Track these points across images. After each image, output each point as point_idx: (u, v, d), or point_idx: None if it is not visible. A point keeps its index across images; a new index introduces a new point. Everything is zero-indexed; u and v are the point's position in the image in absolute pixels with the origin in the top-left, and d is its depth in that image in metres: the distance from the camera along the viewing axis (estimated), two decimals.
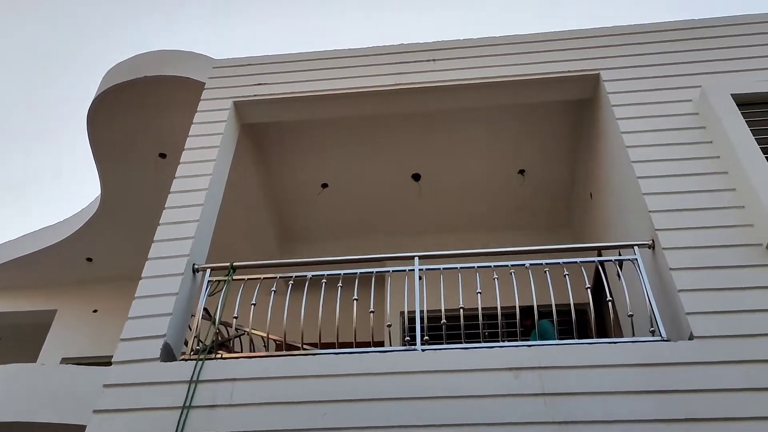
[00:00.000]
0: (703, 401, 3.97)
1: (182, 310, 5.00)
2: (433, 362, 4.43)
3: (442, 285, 4.95)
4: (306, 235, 8.60)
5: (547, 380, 4.19)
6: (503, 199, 8.07)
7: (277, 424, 4.20)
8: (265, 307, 5.03)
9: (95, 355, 7.54)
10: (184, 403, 4.31)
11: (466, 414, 4.12)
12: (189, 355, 4.77)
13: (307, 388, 4.37)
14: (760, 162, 4.90)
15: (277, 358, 4.68)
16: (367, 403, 4.26)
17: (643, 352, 4.26)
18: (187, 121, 6.30)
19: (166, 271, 5.10)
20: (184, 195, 5.63)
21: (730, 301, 4.36)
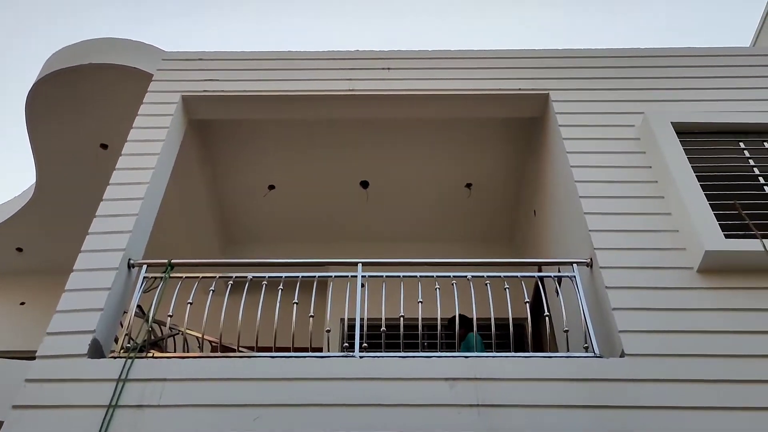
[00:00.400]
0: (633, 417, 4.06)
1: (114, 305, 4.83)
2: (371, 369, 4.40)
3: (384, 293, 4.94)
4: (249, 237, 8.47)
5: (482, 391, 4.22)
6: (449, 211, 8.14)
7: (208, 428, 4.09)
8: (202, 307, 4.91)
9: (21, 349, 7.18)
10: (110, 402, 4.15)
11: (402, 422, 4.10)
12: (119, 352, 4.60)
13: (241, 392, 4.28)
14: (695, 189, 5.09)
15: (211, 359, 4.57)
16: (302, 408, 4.20)
17: (577, 367, 4.34)
18: (132, 112, 6.13)
19: (99, 265, 4.92)
20: (124, 188, 5.46)
21: (662, 322, 4.50)
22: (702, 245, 4.69)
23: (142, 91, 6.33)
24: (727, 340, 4.38)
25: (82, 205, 6.86)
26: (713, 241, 4.71)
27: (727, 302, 4.57)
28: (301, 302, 4.91)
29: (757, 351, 4.32)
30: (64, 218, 7.82)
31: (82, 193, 7.32)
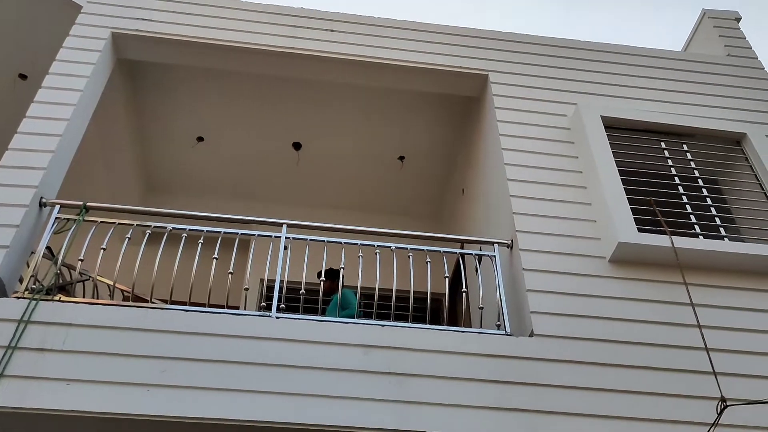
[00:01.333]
0: (538, 394, 4.23)
1: (21, 244, 4.59)
2: (287, 331, 4.38)
3: (306, 256, 4.91)
4: (172, 188, 8.19)
5: (395, 360, 4.28)
6: (380, 182, 8.15)
7: (111, 376, 3.98)
8: (116, 254, 4.74)
9: None
10: (9, 343, 3.97)
11: (316, 385, 4.12)
12: (22, 293, 4.39)
13: (151, 343, 4.17)
14: (615, 182, 5.29)
15: (121, 307, 4.43)
16: (213, 364, 4.15)
17: (488, 343, 4.47)
18: (57, 43, 5.78)
19: (8, 201, 4.66)
20: (42, 122, 5.16)
21: (572, 306, 4.68)
22: (616, 236, 4.90)
23: (70, 22, 5.97)
24: (632, 327, 4.61)
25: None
26: (626, 233, 4.92)
27: (635, 292, 4.81)
28: (221, 259, 4.81)
29: (658, 340, 4.57)
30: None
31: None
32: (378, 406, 4.09)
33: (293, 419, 3.97)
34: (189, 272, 4.68)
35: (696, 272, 4.86)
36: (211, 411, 3.94)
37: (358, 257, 4.92)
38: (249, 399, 4.01)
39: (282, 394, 4.06)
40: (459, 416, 4.12)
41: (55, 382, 3.91)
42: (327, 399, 4.08)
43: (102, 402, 3.88)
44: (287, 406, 4.02)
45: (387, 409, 4.08)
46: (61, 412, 3.83)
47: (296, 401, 4.04)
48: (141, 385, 3.97)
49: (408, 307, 4.82)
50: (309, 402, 4.05)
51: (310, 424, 3.98)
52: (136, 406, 3.90)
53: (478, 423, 4.10)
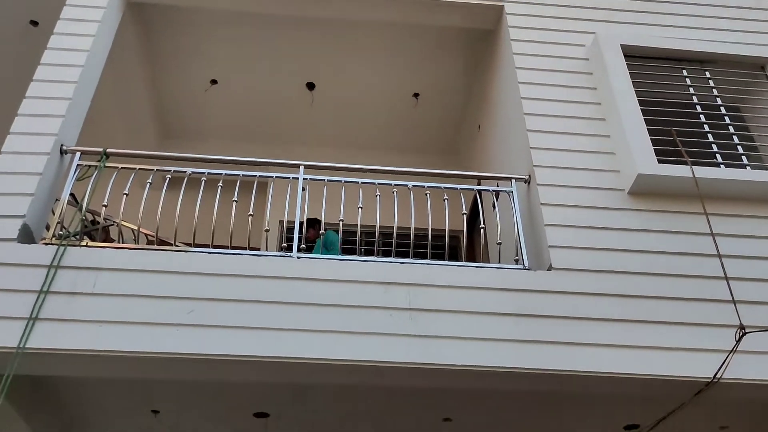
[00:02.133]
0: (557, 327, 4.31)
1: (45, 192, 4.68)
2: (308, 270, 4.47)
3: (324, 197, 4.94)
4: (189, 133, 8.21)
5: (415, 296, 4.36)
6: (395, 120, 8.10)
7: (141, 317, 4.11)
8: (138, 199, 4.82)
9: None
10: (41, 288, 4.10)
11: (337, 322, 4.23)
12: (50, 240, 4.51)
13: (176, 284, 4.28)
14: (635, 113, 5.21)
15: (147, 251, 4.53)
16: (237, 303, 4.26)
17: (506, 278, 4.53)
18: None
19: (30, 149, 4.71)
20: (57, 69, 5.15)
21: (590, 239, 4.70)
22: (635, 168, 4.86)
23: None
24: (651, 258, 4.64)
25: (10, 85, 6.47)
26: (646, 165, 4.88)
27: (654, 224, 4.81)
28: (241, 201, 4.88)
29: (677, 270, 4.60)
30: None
31: (9, 73, 6.87)
32: (399, 341, 4.20)
33: (317, 355, 4.10)
34: (210, 215, 4.75)
35: (716, 202, 4.85)
36: (237, 348, 4.07)
37: (375, 196, 4.95)
38: (273, 336, 4.13)
39: (305, 331, 4.17)
40: (479, 349, 4.21)
41: (88, 324, 4.05)
42: (349, 335, 4.19)
43: (133, 342, 4.03)
44: (310, 342, 4.14)
45: (408, 344, 4.19)
46: (95, 352, 3.98)
47: (319, 338, 4.16)
48: (170, 325, 4.11)
49: (426, 244, 4.87)
50: (332, 338, 4.17)
51: (333, 359, 4.11)
52: (166, 345, 4.04)
53: (497, 355, 4.19)
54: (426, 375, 4.21)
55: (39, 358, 3.96)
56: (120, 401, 5.26)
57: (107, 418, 5.51)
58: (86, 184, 4.81)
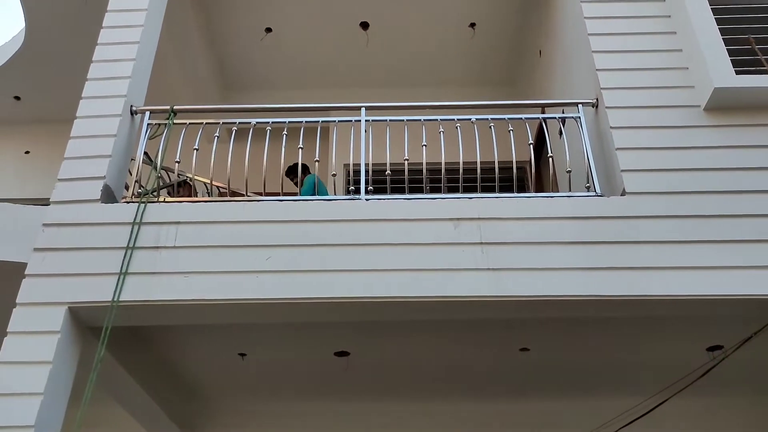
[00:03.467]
0: (633, 252, 4.23)
1: (121, 152, 4.86)
2: (376, 211, 4.51)
3: (388, 136, 4.94)
4: (249, 85, 8.29)
5: (485, 230, 4.36)
6: (452, 53, 7.91)
7: (222, 266, 4.27)
8: (208, 153, 4.95)
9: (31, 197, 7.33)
10: (127, 244, 4.31)
11: (408, 260, 4.28)
12: (130, 198, 4.71)
13: (252, 233, 4.41)
14: (708, 22, 4.90)
15: (222, 203, 4.68)
16: (310, 248, 4.36)
17: (578, 206, 4.45)
18: None
19: (102, 112, 4.88)
20: (119, 31, 5.27)
21: (665, 160, 4.54)
22: (711, 82, 4.62)
23: None
24: (730, 176, 4.46)
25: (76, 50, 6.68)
26: (723, 77, 4.63)
27: (733, 140, 4.59)
28: (306, 148, 4.93)
29: (759, 186, 4.41)
30: (58, 65, 7.61)
31: (74, 38, 7.07)
32: (472, 276, 4.23)
33: (389, 294, 4.18)
34: (277, 164, 4.83)
35: None
36: (313, 291, 4.19)
37: (438, 133, 4.91)
38: (346, 278, 4.23)
39: (377, 271, 4.25)
40: (553, 279, 4.19)
41: (173, 276, 4.26)
42: (421, 272, 4.24)
43: (216, 291, 4.21)
44: (383, 282, 4.21)
45: (481, 278, 4.22)
46: (181, 302, 4.19)
47: (391, 277, 4.23)
48: (249, 273, 4.26)
49: (493, 178, 4.82)
50: (404, 277, 4.23)
51: (406, 296, 4.18)
52: (247, 292, 4.21)
53: (573, 284, 4.17)
54: (500, 308, 4.25)
55: (131, 310, 4.20)
56: (209, 346, 5.56)
57: (198, 362, 5.85)
58: (158, 142, 4.96)
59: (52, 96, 8.08)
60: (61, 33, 7.31)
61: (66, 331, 4.11)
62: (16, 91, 8.12)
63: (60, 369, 4.03)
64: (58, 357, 4.02)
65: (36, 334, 4.05)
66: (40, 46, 7.49)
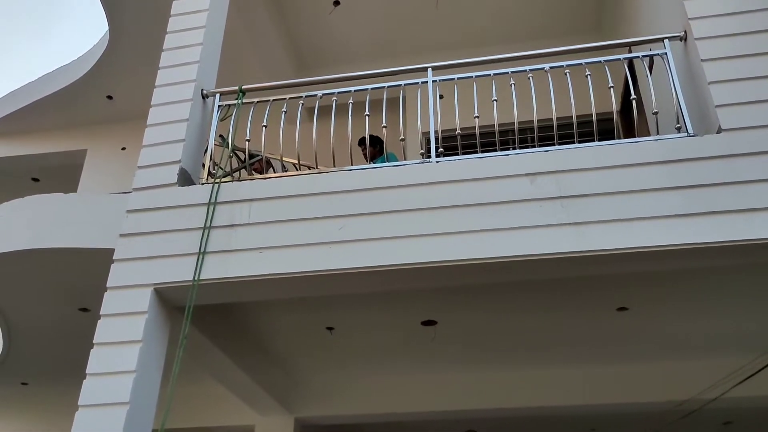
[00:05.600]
0: (733, 193, 3.83)
1: (195, 135, 4.95)
2: (449, 173, 4.33)
3: (456, 95, 4.73)
4: (320, 60, 8.27)
5: (565, 183, 4.09)
6: (523, 7, 7.52)
7: (296, 239, 4.26)
8: (278, 130, 4.94)
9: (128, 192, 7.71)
10: (204, 224, 4.39)
11: (484, 221, 4.09)
12: (206, 179, 4.80)
13: (324, 205, 4.36)
14: None
15: (293, 177, 4.65)
16: (383, 215, 4.26)
17: (668, 148, 4.07)
18: None
19: (174, 98, 4.99)
20: (185, 18, 5.36)
21: (764, 91, 4.07)
22: None
23: None
24: None
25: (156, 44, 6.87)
26: None
27: None
28: (374, 115, 4.82)
29: None
30: (142, 62, 7.88)
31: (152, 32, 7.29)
32: (553, 232, 3.98)
33: (468, 255, 4.01)
34: (346, 137, 4.75)
35: None
36: (388, 258, 4.09)
37: (510, 86, 4.65)
38: (422, 243, 4.10)
39: (453, 234, 4.09)
40: (645, 229, 3.86)
41: (249, 252, 4.29)
42: (499, 232, 4.04)
43: (291, 264, 4.20)
44: (460, 244, 4.05)
45: (563, 234, 3.96)
46: (258, 277, 4.21)
47: (468, 239, 4.05)
48: (323, 244, 4.22)
49: (571, 133, 4.51)
50: (481, 237, 4.04)
51: (485, 258, 3.99)
52: (322, 264, 4.17)
53: (664, 233, 3.83)
54: (586, 263, 3.98)
55: (212, 287, 4.27)
56: (296, 320, 5.63)
57: (284, 337, 5.94)
58: (229, 123, 5.01)
59: (140, 93, 8.39)
60: (144, 31, 7.56)
61: (153, 311, 4.25)
62: (108, 91, 8.52)
63: (150, 347, 4.18)
64: (148, 336, 4.16)
65: (126, 315, 4.22)
66: (125, 46, 7.79)
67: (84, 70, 8.20)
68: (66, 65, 8.70)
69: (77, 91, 8.48)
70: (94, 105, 8.71)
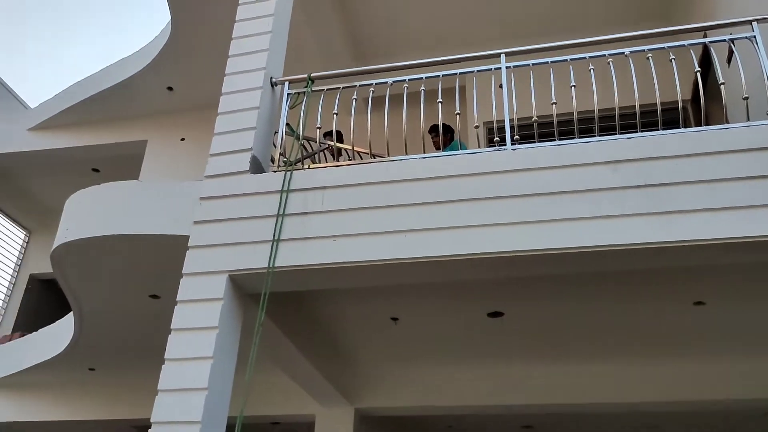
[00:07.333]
0: None
1: (265, 123, 4.95)
2: (524, 161, 4.23)
3: (532, 82, 4.62)
4: (382, 49, 8.19)
5: (650, 171, 3.95)
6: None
7: (369, 227, 4.22)
8: (347, 119, 4.91)
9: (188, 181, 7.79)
10: (278, 212, 4.38)
11: (562, 210, 3.98)
12: (277, 167, 4.79)
13: (398, 193, 4.31)
14: None
15: (364, 165, 4.61)
16: (456, 204, 4.18)
17: (760, 135, 3.90)
18: None
19: (244, 86, 5.00)
20: (253, 6, 5.36)
21: None
22: None
23: None
24: None
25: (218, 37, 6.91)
26: None
27: None
28: (445, 103, 4.74)
29: None
30: (204, 54, 7.95)
31: (215, 24, 7.35)
32: (636, 222, 3.85)
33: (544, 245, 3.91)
34: (418, 126, 4.68)
35: None
36: (463, 247, 4.02)
37: (588, 71, 4.52)
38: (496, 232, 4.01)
39: (528, 223, 3.99)
40: (732, 219, 3.71)
41: (322, 240, 4.26)
42: (577, 221, 3.92)
43: (364, 252, 4.16)
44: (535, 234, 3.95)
45: (647, 223, 3.83)
46: (333, 264, 4.18)
47: (545, 228, 3.95)
48: (398, 232, 4.17)
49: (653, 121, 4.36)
50: (558, 227, 3.93)
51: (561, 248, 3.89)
52: (397, 252, 4.12)
53: (756, 223, 3.67)
54: (671, 255, 3.85)
55: (286, 275, 4.27)
56: (361, 310, 5.60)
57: (352, 327, 5.92)
58: (298, 111, 5.00)
59: (200, 84, 8.49)
60: (205, 23, 7.61)
61: (228, 297, 4.27)
62: (168, 83, 8.62)
63: (226, 334, 4.20)
64: (223, 322, 4.18)
65: (201, 301, 4.24)
66: (186, 38, 7.85)
67: (145, 62, 8.31)
68: (127, 57, 8.83)
69: (138, 82, 8.61)
70: (154, 96, 8.83)
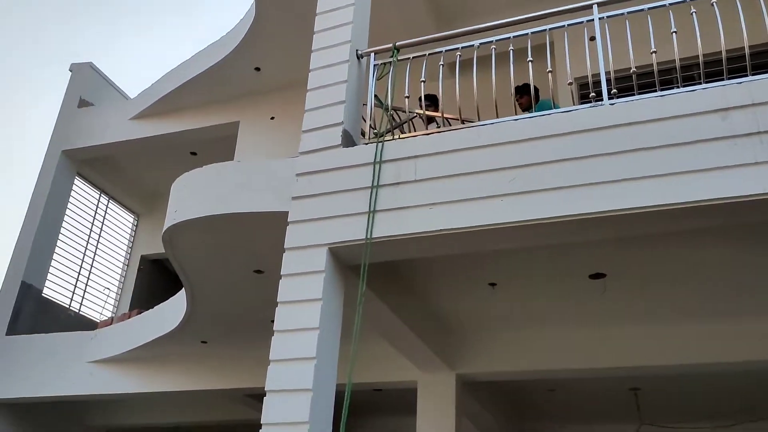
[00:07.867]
0: None
1: (354, 96, 4.99)
2: (624, 115, 4.06)
3: (628, 31, 4.40)
4: (467, 11, 8.00)
5: (764, 117, 3.69)
6: None
7: (465, 194, 4.19)
8: (435, 86, 4.85)
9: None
10: (372, 183, 4.42)
11: (668, 164, 3.80)
12: (368, 139, 4.83)
13: (491, 157, 4.25)
14: None
15: (455, 131, 4.57)
16: (553, 165, 4.08)
17: None
18: None
19: (331, 61, 5.05)
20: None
21: None
22: None
23: None
24: None
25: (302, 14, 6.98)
26: None
27: None
28: (536, 60, 4.60)
29: None
30: (287, 33, 8.04)
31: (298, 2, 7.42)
32: (750, 171, 3.63)
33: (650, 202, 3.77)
34: (507, 88, 4.57)
35: None
36: (562, 209, 3.94)
37: (690, 15, 4.24)
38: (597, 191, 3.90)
39: (632, 180, 3.85)
40: None
41: (418, 209, 4.28)
42: (684, 175, 3.75)
43: (462, 218, 4.15)
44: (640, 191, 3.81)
45: (762, 173, 3.59)
46: (429, 233, 4.20)
47: (650, 184, 3.79)
48: (494, 197, 4.12)
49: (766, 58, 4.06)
50: (667, 182, 3.77)
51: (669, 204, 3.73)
52: (494, 217, 4.08)
53: None
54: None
55: (383, 245, 4.33)
56: (458, 277, 5.60)
57: (447, 293, 5.94)
58: (385, 81, 4.99)
59: (286, 63, 8.62)
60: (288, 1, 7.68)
61: (329, 269, 4.38)
62: (255, 63, 8.81)
63: (329, 305, 4.32)
64: (326, 294, 4.30)
65: (304, 275, 4.37)
66: (270, 18, 7.97)
67: (233, 45, 8.52)
68: (215, 42, 9.09)
69: (227, 65, 8.84)
70: (243, 78, 9.05)
